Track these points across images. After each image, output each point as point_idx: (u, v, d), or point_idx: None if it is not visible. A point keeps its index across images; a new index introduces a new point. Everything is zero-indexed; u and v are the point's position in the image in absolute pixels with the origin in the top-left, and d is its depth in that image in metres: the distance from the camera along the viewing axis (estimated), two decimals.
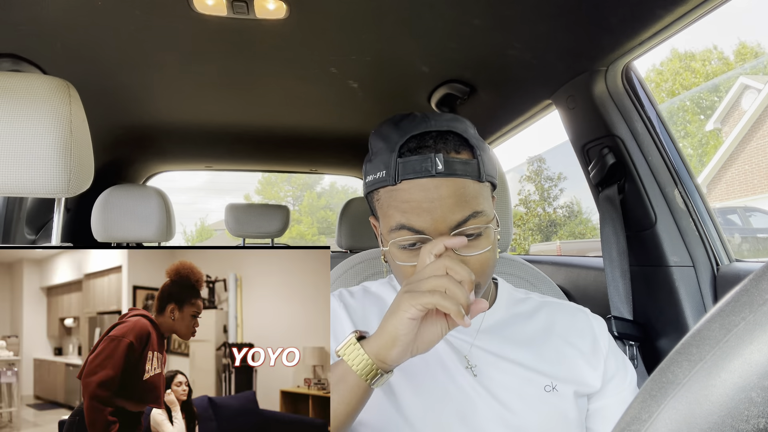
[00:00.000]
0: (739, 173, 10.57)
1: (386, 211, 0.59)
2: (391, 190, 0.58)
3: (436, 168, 0.55)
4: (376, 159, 0.60)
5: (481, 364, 0.61)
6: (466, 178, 0.56)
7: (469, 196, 0.56)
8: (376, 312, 0.66)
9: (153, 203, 1.51)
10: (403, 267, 0.58)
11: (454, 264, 0.50)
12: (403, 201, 0.56)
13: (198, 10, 1.03)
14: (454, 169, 0.56)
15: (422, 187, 0.55)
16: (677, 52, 14.85)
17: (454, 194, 0.55)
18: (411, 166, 0.56)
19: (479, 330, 0.64)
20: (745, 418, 0.18)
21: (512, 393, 0.59)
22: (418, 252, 0.56)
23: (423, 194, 0.55)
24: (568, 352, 0.63)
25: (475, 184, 0.57)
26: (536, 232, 14.64)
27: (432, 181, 0.55)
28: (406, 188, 0.56)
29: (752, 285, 0.20)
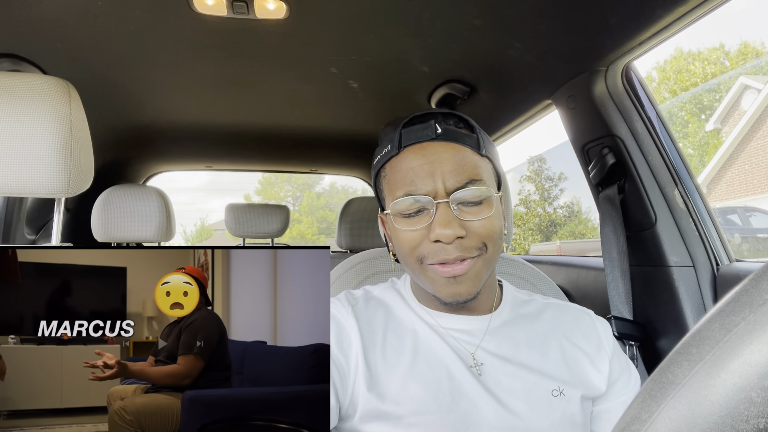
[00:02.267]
0: (739, 173, 10.56)
1: (392, 184, 0.60)
2: (396, 162, 0.60)
3: (436, 131, 0.58)
4: (383, 141, 0.62)
5: (488, 369, 0.60)
6: (464, 146, 0.58)
7: (468, 164, 0.57)
8: (380, 320, 0.65)
9: (153, 203, 1.51)
10: (403, 232, 0.58)
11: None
12: (407, 168, 0.58)
13: (198, 10, 1.03)
14: (453, 135, 0.58)
15: (423, 152, 0.58)
16: (681, 50, 14.86)
17: (453, 158, 0.57)
18: (412, 133, 0.59)
19: (486, 332, 0.63)
20: (745, 418, 0.18)
21: (519, 398, 0.58)
22: (421, 218, 0.57)
23: (424, 158, 0.57)
24: (575, 355, 0.63)
25: (474, 155, 0.59)
26: (536, 232, 14.64)
27: (432, 145, 0.58)
28: (408, 155, 0.58)
29: (752, 285, 0.20)
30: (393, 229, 0.60)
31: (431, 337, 0.62)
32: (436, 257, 0.56)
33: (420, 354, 0.60)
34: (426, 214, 0.57)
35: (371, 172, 0.66)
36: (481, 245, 0.57)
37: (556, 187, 14.57)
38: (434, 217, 0.56)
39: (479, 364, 0.60)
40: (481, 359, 0.61)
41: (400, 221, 0.59)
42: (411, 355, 0.60)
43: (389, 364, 0.60)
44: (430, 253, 0.57)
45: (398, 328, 0.63)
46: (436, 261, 0.57)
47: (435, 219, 0.56)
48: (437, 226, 0.55)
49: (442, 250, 0.56)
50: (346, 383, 0.59)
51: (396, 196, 0.58)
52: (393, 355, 0.60)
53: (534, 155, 14.94)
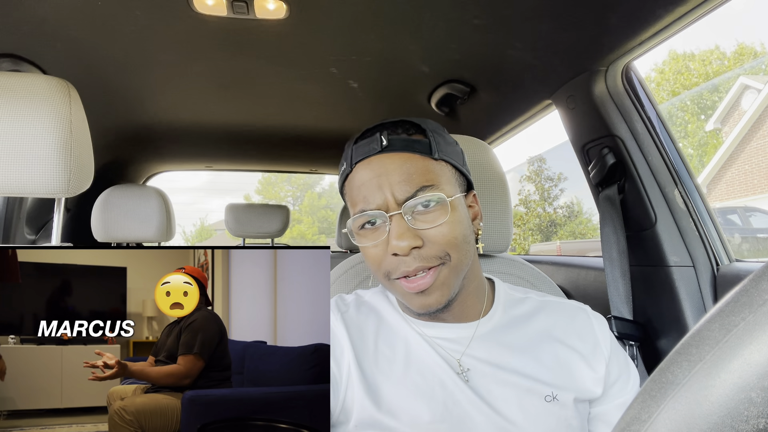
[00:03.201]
0: (739, 173, 10.56)
1: (350, 203, 0.61)
2: (350, 179, 0.60)
3: (381, 144, 0.58)
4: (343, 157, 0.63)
5: (478, 376, 0.59)
6: (413, 153, 0.58)
7: (418, 171, 0.57)
8: (371, 326, 0.64)
9: (153, 203, 1.51)
10: (367, 249, 0.58)
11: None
12: (358, 185, 0.58)
13: (198, 10, 1.03)
14: (399, 144, 0.58)
15: (371, 166, 0.58)
16: (675, 53, 14.85)
17: (400, 168, 0.56)
18: (360, 149, 0.59)
19: (473, 338, 0.62)
20: (744, 418, 0.18)
21: (512, 405, 0.57)
22: (378, 233, 0.57)
23: (371, 172, 0.57)
24: (569, 357, 0.62)
25: (425, 160, 0.58)
26: (536, 232, 14.63)
27: (378, 158, 0.58)
28: (358, 171, 0.59)
29: (752, 285, 0.20)
30: (360, 246, 0.60)
31: (421, 346, 0.61)
32: (398, 270, 0.56)
33: (412, 363, 0.60)
34: (383, 228, 0.57)
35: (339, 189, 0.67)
36: (442, 254, 0.56)
37: (556, 187, 14.57)
38: (389, 230, 0.56)
39: (466, 370, 0.60)
40: (468, 365, 0.60)
41: (360, 238, 0.59)
42: (403, 364, 0.60)
43: (382, 372, 0.59)
44: (392, 267, 0.56)
45: (390, 336, 0.63)
46: (399, 275, 0.56)
47: (390, 232, 0.55)
48: (393, 239, 0.55)
49: (402, 262, 0.55)
50: (337, 390, 0.59)
51: (353, 213, 0.59)
52: (385, 364, 0.60)
53: (534, 155, 14.94)
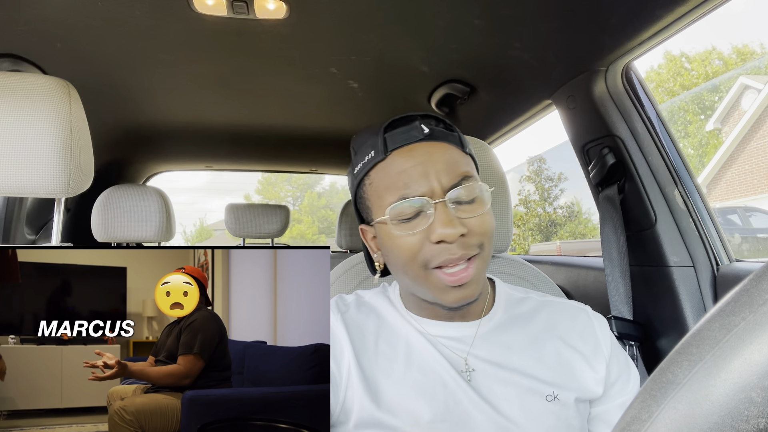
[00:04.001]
0: (739, 173, 10.56)
1: (382, 190, 0.58)
2: (383, 167, 0.58)
3: (423, 132, 0.57)
4: (361, 148, 0.61)
5: (480, 375, 0.59)
6: (452, 144, 0.59)
7: (459, 161, 0.58)
8: (372, 326, 0.64)
9: (153, 203, 1.51)
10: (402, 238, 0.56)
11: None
12: (398, 172, 0.56)
13: (198, 10, 1.03)
14: (439, 134, 0.58)
15: (412, 153, 0.56)
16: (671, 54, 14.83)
17: (444, 157, 0.57)
18: (398, 136, 0.58)
19: (476, 337, 0.62)
20: (745, 418, 0.18)
21: (513, 404, 0.58)
22: (419, 221, 0.55)
23: (415, 159, 0.56)
24: (570, 357, 0.62)
25: (460, 152, 0.59)
26: (536, 232, 14.63)
27: (421, 145, 0.57)
28: (397, 158, 0.57)
29: (752, 285, 0.20)
30: (387, 237, 0.58)
31: (423, 346, 0.61)
32: (440, 258, 0.54)
33: (413, 362, 0.60)
34: (424, 217, 0.55)
35: (350, 184, 0.64)
36: (480, 243, 0.56)
37: (556, 188, 14.58)
38: (433, 217, 0.54)
39: (470, 370, 0.60)
40: (472, 365, 0.60)
41: (397, 227, 0.56)
42: (404, 363, 0.60)
43: (383, 372, 0.59)
44: (434, 255, 0.55)
45: (390, 336, 0.63)
46: (440, 263, 0.55)
47: (435, 219, 0.54)
48: (439, 226, 0.53)
49: (446, 250, 0.54)
50: (337, 390, 0.59)
51: (389, 201, 0.56)
52: (386, 363, 0.60)
53: (534, 155, 14.94)
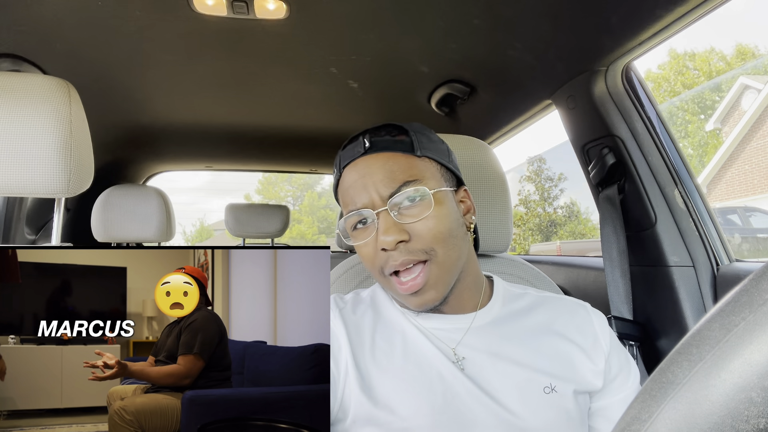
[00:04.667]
0: (739, 173, 10.55)
1: (343, 204, 0.64)
2: (340, 184, 0.64)
3: (364, 146, 0.62)
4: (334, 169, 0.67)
5: (476, 366, 0.60)
6: (395, 152, 0.61)
7: (400, 168, 0.60)
8: (369, 323, 0.65)
9: (153, 203, 1.51)
10: (360, 248, 0.61)
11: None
12: (346, 188, 0.62)
13: (198, 10, 1.03)
14: (381, 145, 0.61)
15: (355, 168, 0.61)
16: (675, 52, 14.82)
17: (383, 167, 0.60)
18: (346, 153, 0.64)
19: (469, 328, 0.63)
20: (745, 418, 0.18)
21: (512, 395, 0.58)
22: (367, 231, 0.60)
23: (356, 173, 0.61)
24: (568, 349, 0.62)
25: (407, 157, 0.61)
26: (536, 232, 14.63)
27: (362, 160, 0.61)
28: (346, 175, 0.63)
29: (752, 285, 0.20)
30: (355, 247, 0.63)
31: (418, 339, 0.62)
32: (387, 265, 0.58)
33: (410, 356, 0.60)
34: (372, 226, 0.59)
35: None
36: (428, 248, 0.58)
37: (556, 188, 14.58)
38: (377, 226, 0.58)
39: (461, 359, 0.60)
40: (462, 354, 0.61)
41: (353, 238, 0.62)
42: (401, 357, 0.60)
43: (380, 366, 0.60)
44: (382, 262, 0.59)
45: (387, 331, 0.63)
46: (390, 270, 0.58)
47: (378, 228, 0.58)
48: (380, 234, 0.57)
49: (390, 257, 0.58)
50: (335, 388, 0.59)
51: (345, 215, 0.62)
52: (383, 357, 0.60)
53: (534, 155, 14.94)
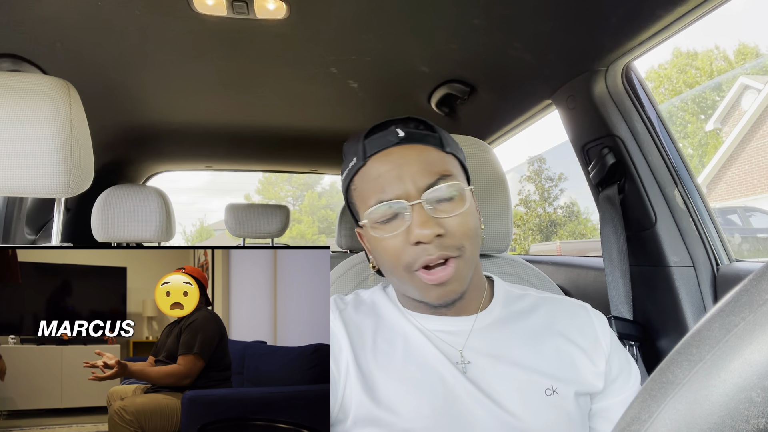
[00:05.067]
0: (739, 173, 10.55)
1: (363, 195, 0.60)
2: (363, 173, 0.60)
3: (398, 136, 0.59)
4: (347, 155, 0.63)
5: (478, 368, 0.60)
6: (428, 145, 0.59)
7: (435, 162, 0.58)
8: (370, 324, 0.64)
9: (153, 203, 1.51)
10: (385, 240, 0.57)
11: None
12: (375, 177, 0.58)
13: (198, 10, 1.03)
14: (416, 136, 0.59)
15: (388, 158, 0.58)
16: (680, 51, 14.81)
17: (419, 158, 0.58)
18: (375, 141, 0.60)
19: (472, 330, 0.62)
20: (745, 418, 0.18)
21: (513, 398, 0.58)
22: (398, 223, 0.57)
23: (390, 163, 0.58)
24: (569, 351, 0.62)
25: (439, 152, 0.60)
26: (536, 232, 14.63)
27: (396, 149, 0.58)
28: (374, 164, 0.59)
29: (752, 285, 0.20)
30: (372, 240, 0.60)
31: (420, 341, 0.61)
32: (420, 260, 0.56)
33: (411, 358, 0.60)
34: (402, 219, 0.57)
35: (342, 187, 0.66)
36: (459, 244, 0.56)
37: (556, 188, 14.58)
38: (411, 219, 0.56)
39: (466, 362, 0.60)
40: (468, 357, 0.60)
41: (377, 230, 0.58)
42: (402, 359, 0.60)
43: (381, 368, 0.59)
44: (414, 257, 0.56)
45: (388, 332, 0.63)
46: (421, 264, 0.56)
47: (412, 221, 0.55)
48: (416, 227, 0.55)
49: (424, 251, 0.55)
50: (336, 388, 0.59)
51: (368, 205, 0.58)
52: (384, 359, 0.60)
53: (534, 155, 14.94)
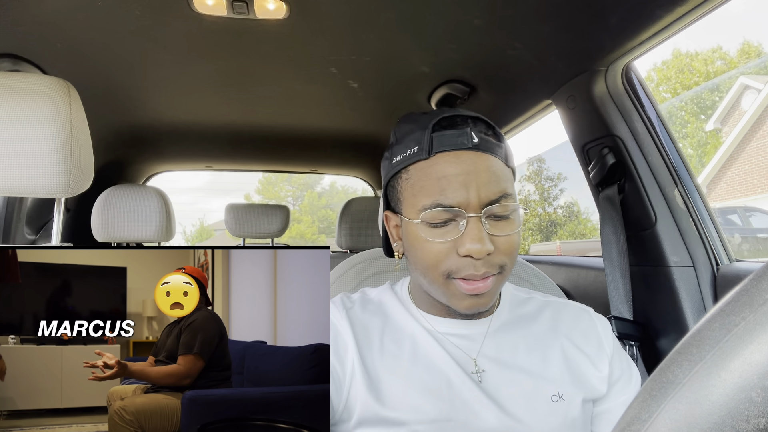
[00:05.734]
0: (739, 173, 10.55)
1: (417, 190, 0.56)
2: (424, 167, 0.56)
3: (472, 141, 0.55)
4: (405, 139, 0.58)
5: (488, 375, 0.59)
6: (497, 157, 0.56)
7: (501, 176, 0.56)
8: (377, 324, 0.63)
9: (153, 203, 1.51)
10: (430, 244, 0.55)
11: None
12: (438, 177, 0.54)
13: (198, 10, 1.03)
14: (487, 145, 0.56)
15: (458, 161, 0.54)
16: (679, 51, 14.81)
17: (489, 170, 0.55)
18: (446, 139, 0.55)
19: (486, 335, 0.62)
20: (745, 418, 0.18)
21: (519, 404, 0.58)
22: (449, 229, 0.54)
23: (459, 167, 0.54)
24: (574, 357, 0.62)
25: (503, 166, 0.57)
26: (536, 232, 14.63)
27: (467, 154, 0.55)
28: (440, 162, 0.55)
29: (752, 285, 0.20)
30: (414, 237, 0.57)
31: (429, 343, 0.61)
32: (463, 272, 0.54)
33: (419, 360, 0.60)
34: (455, 226, 0.54)
35: (384, 169, 0.62)
36: (503, 263, 0.55)
37: (555, 188, 14.58)
38: (465, 230, 0.53)
39: (481, 371, 0.59)
40: (482, 365, 0.60)
41: (426, 231, 0.55)
42: (409, 361, 0.60)
43: (388, 369, 0.59)
44: (458, 267, 0.54)
45: (396, 333, 0.62)
46: (463, 276, 0.54)
47: (466, 232, 0.53)
48: (468, 241, 0.53)
49: (471, 265, 0.54)
50: (340, 388, 0.58)
51: (422, 203, 0.55)
52: (391, 360, 0.60)
53: (534, 155, 14.94)
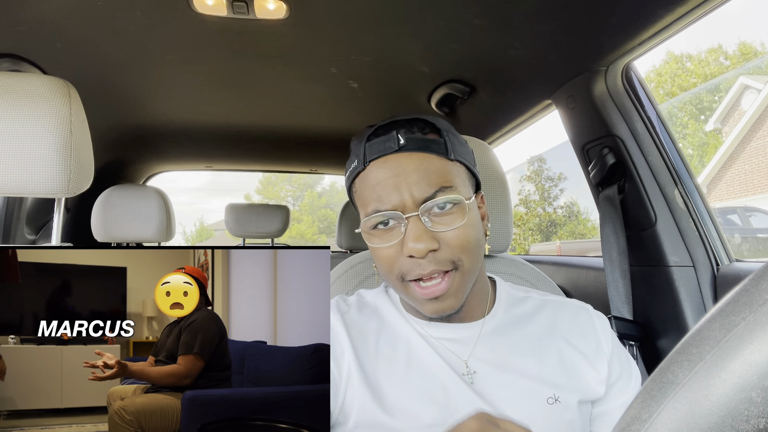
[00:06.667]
0: (739, 173, 10.56)
1: (362, 200, 0.59)
2: (363, 177, 0.58)
3: (399, 143, 0.56)
4: (351, 154, 0.61)
5: (481, 377, 0.59)
6: (430, 153, 0.56)
7: (436, 172, 0.56)
8: (373, 327, 0.64)
9: (153, 203, 1.51)
10: (379, 250, 0.57)
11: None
12: (373, 184, 0.57)
13: (198, 10, 1.03)
14: (417, 144, 0.56)
15: (386, 165, 0.56)
16: (673, 54, 14.81)
17: (419, 168, 0.55)
18: (375, 146, 0.57)
19: (478, 338, 0.62)
20: (745, 418, 0.18)
21: (514, 407, 0.57)
22: (394, 233, 0.56)
23: (389, 171, 0.56)
24: (572, 357, 0.61)
25: (441, 160, 0.57)
26: (536, 232, 14.63)
27: (395, 157, 0.56)
28: (373, 170, 0.57)
29: (752, 285, 0.20)
30: (369, 245, 0.59)
31: (423, 348, 0.61)
32: (412, 273, 0.55)
33: (413, 365, 0.60)
34: (397, 230, 0.55)
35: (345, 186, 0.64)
36: (456, 258, 0.55)
37: (556, 188, 14.58)
38: (405, 231, 0.54)
39: (472, 372, 0.59)
40: (474, 367, 0.60)
41: (372, 238, 0.57)
42: (404, 365, 0.60)
43: (383, 373, 0.59)
44: (408, 269, 0.55)
45: (391, 337, 0.63)
46: (414, 277, 0.55)
47: (407, 233, 0.54)
48: (409, 241, 0.54)
49: (417, 265, 0.55)
50: (336, 391, 0.58)
51: (366, 212, 0.57)
52: (386, 365, 0.60)
53: (534, 155, 14.94)
